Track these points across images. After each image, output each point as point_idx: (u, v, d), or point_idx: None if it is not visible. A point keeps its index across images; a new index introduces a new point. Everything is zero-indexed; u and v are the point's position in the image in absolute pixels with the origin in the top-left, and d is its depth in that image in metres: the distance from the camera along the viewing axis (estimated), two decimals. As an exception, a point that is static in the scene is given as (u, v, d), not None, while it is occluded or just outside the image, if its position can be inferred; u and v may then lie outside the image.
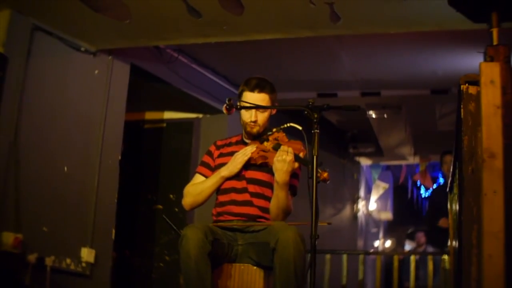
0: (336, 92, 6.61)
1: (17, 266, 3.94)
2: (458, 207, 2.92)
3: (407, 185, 11.62)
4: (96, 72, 4.82)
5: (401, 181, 11.21)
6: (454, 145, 3.11)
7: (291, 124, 2.79)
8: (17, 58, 4.11)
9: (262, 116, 2.91)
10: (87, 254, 4.57)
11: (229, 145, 3.06)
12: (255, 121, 2.90)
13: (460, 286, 2.61)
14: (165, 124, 6.59)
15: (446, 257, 5.40)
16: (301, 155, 2.79)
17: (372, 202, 11.60)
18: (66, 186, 4.50)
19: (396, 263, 6.06)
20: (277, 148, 2.79)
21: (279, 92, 3.04)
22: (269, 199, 2.87)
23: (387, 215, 12.39)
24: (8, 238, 3.91)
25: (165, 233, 6.16)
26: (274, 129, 2.89)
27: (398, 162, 10.74)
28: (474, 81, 2.59)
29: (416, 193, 11.96)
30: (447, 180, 4.39)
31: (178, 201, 5.31)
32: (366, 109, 7.24)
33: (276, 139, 2.87)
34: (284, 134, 2.89)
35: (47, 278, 4.15)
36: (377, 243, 12.83)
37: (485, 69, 2.54)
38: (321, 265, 5.86)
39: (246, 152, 2.88)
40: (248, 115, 2.90)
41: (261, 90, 2.89)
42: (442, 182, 7.44)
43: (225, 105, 2.72)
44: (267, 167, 2.85)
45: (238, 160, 2.89)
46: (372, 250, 10.78)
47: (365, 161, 10.69)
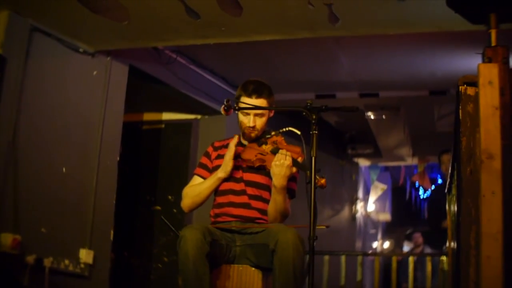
0: (334, 93, 6.61)
1: (16, 267, 3.94)
2: (456, 208, 2.92)
3: (406, 186, 11.63)
4: (95, 73, 4.82)
5: (401, 182, 11.22)
6: (453, 146, 3.11)
7: (290, 129, 2.77)
8: (16, 59, 4.11)
9: (260, 121, 2.90)
10: (85, 255, 4.57)
11: (226, 146, 3.04)
12: (253, 127, 2.89)
13: (458, 287, 2.61)
14: (163, 125, 6.58)
15: (444, 258, 5.40)
16: (300, 160, 2.77)
17: (371, 203, 11.59)
18: (65, 187, 4.50)
19: (394, 264, 6.05)
20: (275, 152, 2.77)
21: (277, 93, 3.03)
22: (267, 201, 2.86)
23: (386, 216, 12.39)
24: (7, 239, 3.91)
25: (163, 234, 6.15)
26: (272, 132, 2.88)
27: (396, 163, 10.74)
28: (473, 82, 2.59)
29: (414, 194, 11.96)
30: (446, 179, 4.38)
31: (176, 202, 5.33)
32: (364, 110, 7.24)
33: (274, 142, 2.86)
34: (282, 138, 2.88)
35: (46, 279, 4.15)
36: (375, 244, 12.84)
37: (483, 70, 2.54)
38: (319, 266, 5.85)
39: (230, 147, 2.87)
40: (246, 120, 2.89)
41: (258, 96, 2.88)
42: (441, 183, 7.43)
43: (223, 106, 2.71)
44: (264, 170, 2.84)
45: (226, 158, 2.88)
46: (370, 251, 10.77)
47: (364, 162, 10.68)
